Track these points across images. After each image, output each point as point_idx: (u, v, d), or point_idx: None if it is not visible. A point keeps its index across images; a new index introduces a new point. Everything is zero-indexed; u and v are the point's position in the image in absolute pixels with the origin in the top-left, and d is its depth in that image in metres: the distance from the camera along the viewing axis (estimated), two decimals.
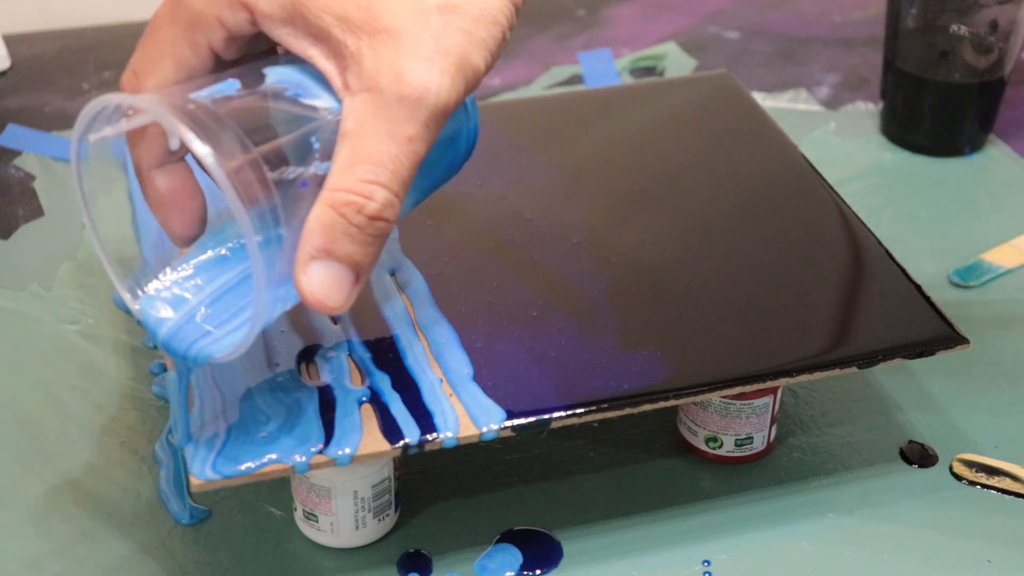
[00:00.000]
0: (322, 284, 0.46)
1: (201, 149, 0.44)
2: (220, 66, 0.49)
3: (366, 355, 0.55)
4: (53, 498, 0.59)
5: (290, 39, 0.47)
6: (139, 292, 0.50)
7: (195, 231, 0.50)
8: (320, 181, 0.46)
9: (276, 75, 0.48)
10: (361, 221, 0.46)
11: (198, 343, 0.49)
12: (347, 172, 0.46)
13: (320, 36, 0.47)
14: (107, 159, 0.50)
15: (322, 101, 0.48)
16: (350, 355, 0.55)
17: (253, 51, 0.50)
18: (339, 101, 0.47)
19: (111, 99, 0.47)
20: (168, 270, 0.50)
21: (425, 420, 0.52)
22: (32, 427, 0.62)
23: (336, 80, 0.47)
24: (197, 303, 0.50)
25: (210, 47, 0.48)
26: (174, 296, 0.50)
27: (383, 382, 0.54)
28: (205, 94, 0.47)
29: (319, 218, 0.46)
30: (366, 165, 0.46)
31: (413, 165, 0.46)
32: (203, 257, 0.50)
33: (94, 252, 0.72)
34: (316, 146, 0.47)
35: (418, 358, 0.55)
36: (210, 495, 0.58)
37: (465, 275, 0.60)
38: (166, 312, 0.49)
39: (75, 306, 0.69)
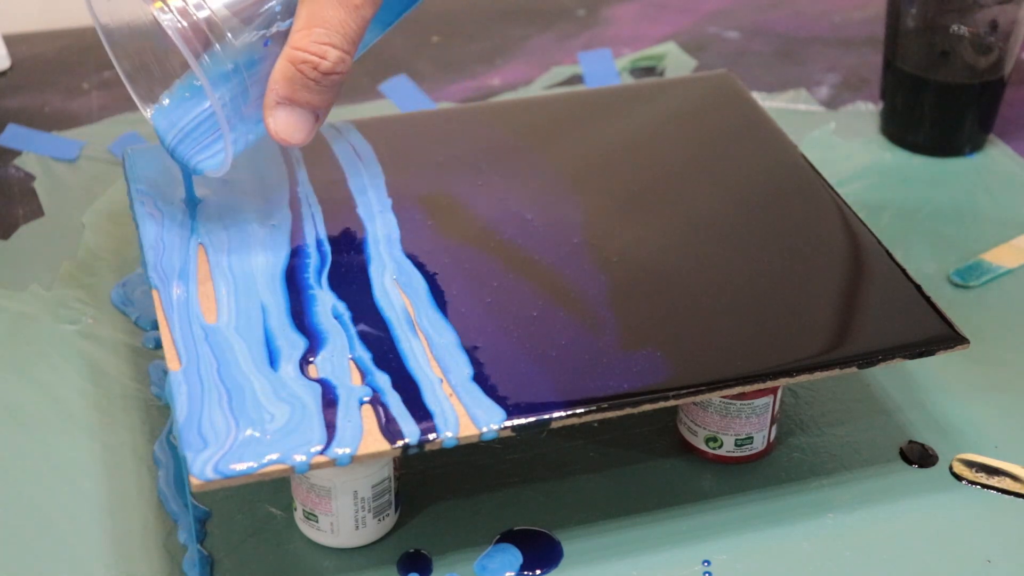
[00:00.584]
0: (287, 124, 0.56)
1: (172, 35, 0.54)
2: None
3: (366, 355, 0.55)
4: (52, 497, 0.59)
5: None
6: (151, 104, 0.60)
7: None
8: (284, 36, 0.56)
9: None
10: (317, 76, 0.55)
11: (195, 156, 0.60)
12: (304, 33, 0.55)
13: None
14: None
15: None
16: (350, 355, 0.55)
17: None
18: None
19: None
20: (177, 84, 0.60)
21: (425, 420, 0.52)
22: (32, 427, 0.62)
23: None
24: (195, 120, 0.59)
25: None
26: (179, 110, 0.60)
27: (383, 382, 0.54)
28: None
29: (283, 71, 0.55)
30: (320, 28, 0.55)
31: (361, 27, 0.55)
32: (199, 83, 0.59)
33: (94, 251, 0.72)
34: (278, 9, 0.56)
35: (418, 358, 0.55)
36: (210, 495, 0.58)
37: (465, 275, 0.60)
38: (172, 124, 0.60)
39: (75, 306, 0.69)
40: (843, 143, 0.83)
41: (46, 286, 0.70)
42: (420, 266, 0.60)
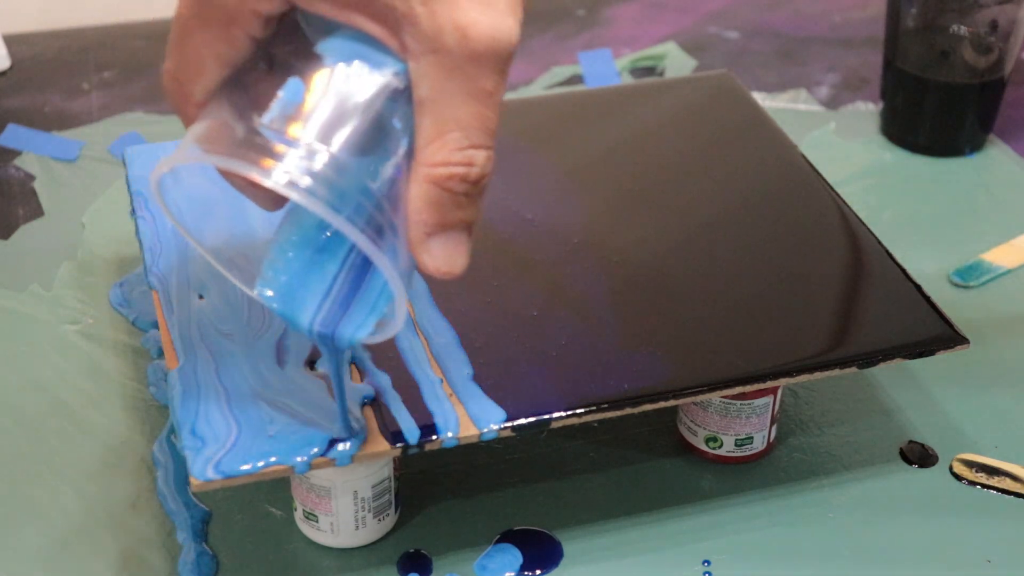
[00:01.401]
0: (446, 255, 0.46)
1: (308, 204, 0.44)
2: (258, 45, 0.47)
3: (366, 355, 0.55)
4: (53, 497, 0.59)
5: (329, 9, 0.45)
6: (254, 281, 0.50)
7: (281, 201, 0.50)
8: (407, 153, 0.46)
9: (332, 54, 0.46)
10: (467, 188, 0.45)
11: (343, 329, 0.49)
12: (439, 144, 0.45)
13: (362, 2, 0.45)
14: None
15: (388, 67, 0.46)
16: (351, 356, 0.55)
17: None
18: (400, 60, 0.45)
19: (186, 159, 0.46)
20: (274, 245, 0.49)
21: (425, 420, 0.52)
22: (32, 427, 0.62)
23: (391, 42, 0.45)
24: (322, 293, 0.49)
25: (248, 37, 0.46)
26: (306, 284, 0.49)
27: (383, 382, 0.54)
28: (277, 115, 0.45)
29: (425, 197, 0.45)
30: (456, 132, 0.45)
31: (497, 113, 0.46)
32: (298, 239, 0.49)
33: (94, 252, 0.72)
34: (398, 126, 0.46)
35: (418, 358, 0.55)
36: (210, 495, 0.58)
37: (465, 275, 0.60)
38: (301, 303, 0.49)
39: (75, 306, 0.69)
40: (843, 143, 0.83)
41: (46, 286, 0.70)
42: None
